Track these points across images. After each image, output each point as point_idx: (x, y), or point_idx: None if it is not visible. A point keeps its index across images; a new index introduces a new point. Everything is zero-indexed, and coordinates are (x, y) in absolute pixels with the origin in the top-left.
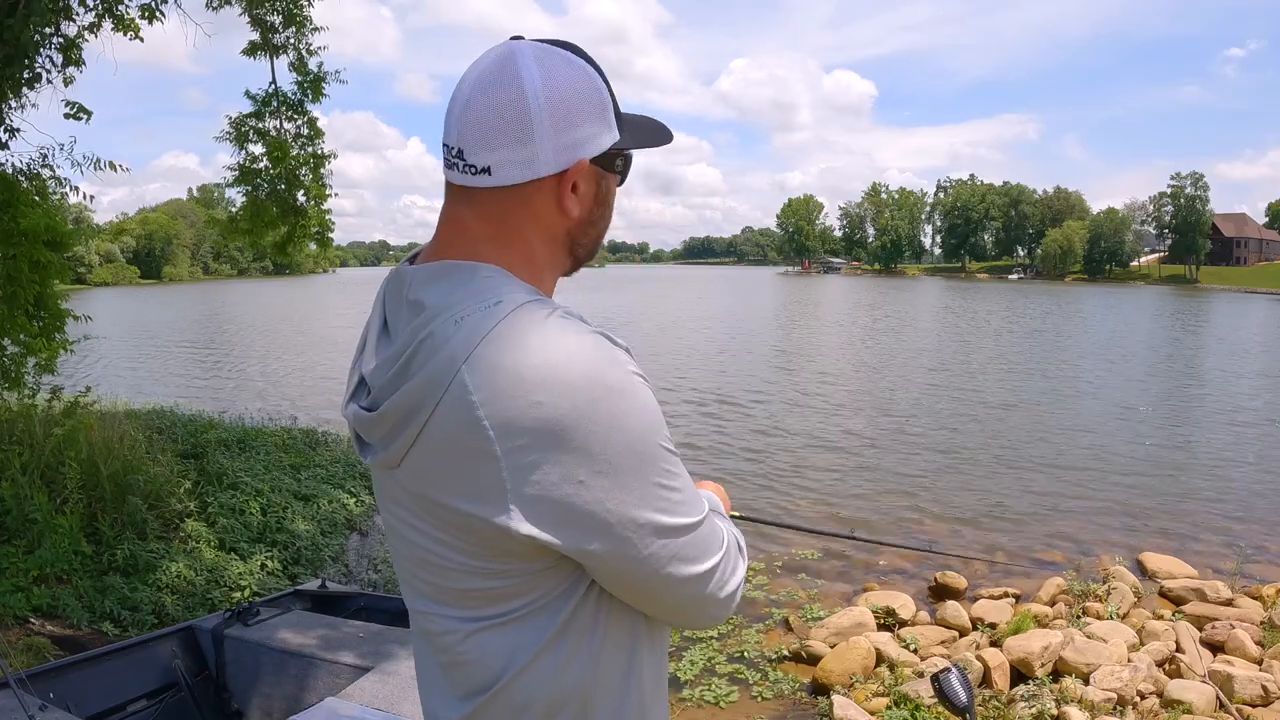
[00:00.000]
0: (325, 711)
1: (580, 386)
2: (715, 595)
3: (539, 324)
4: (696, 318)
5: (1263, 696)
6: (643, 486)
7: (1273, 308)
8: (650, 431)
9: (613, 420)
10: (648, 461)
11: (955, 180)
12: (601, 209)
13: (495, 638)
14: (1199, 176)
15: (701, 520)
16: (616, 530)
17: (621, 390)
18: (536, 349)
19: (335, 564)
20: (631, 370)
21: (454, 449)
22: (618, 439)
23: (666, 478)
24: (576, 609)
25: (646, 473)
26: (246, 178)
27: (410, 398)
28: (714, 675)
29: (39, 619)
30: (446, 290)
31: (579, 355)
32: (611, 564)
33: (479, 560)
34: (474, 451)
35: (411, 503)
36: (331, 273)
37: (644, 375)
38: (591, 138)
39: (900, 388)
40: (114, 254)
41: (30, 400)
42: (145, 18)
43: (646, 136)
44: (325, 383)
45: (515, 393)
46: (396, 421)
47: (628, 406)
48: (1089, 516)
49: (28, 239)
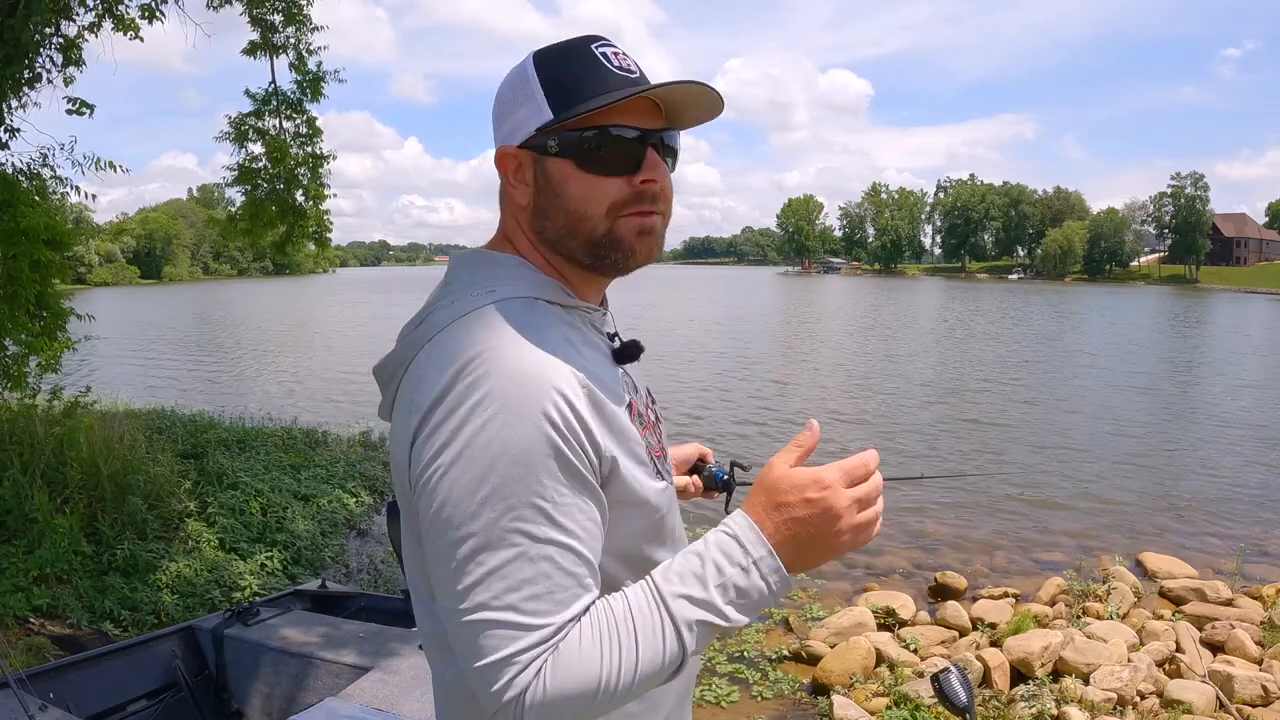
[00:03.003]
0: (325, 711)
1: (466, 384)
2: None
3: (496, 324)
4: (695, 318)
5: (1263, 696)
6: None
7: (1273, 308)
8: (514, 468)
9: (479, 434)
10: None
11: (955, 180)
12: (550, 194)
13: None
14: (1199, 176)
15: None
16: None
17: (508, 408)
18: (474, 341)
19: (335, 564)
20: (539, 407)
21: (407, 411)
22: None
23: (509, 516)
24: None
25: (492, 501)
26: (246, 177)
27: (398, 353)
28: (714, 675)
29: (39, 619)
30: (456, 275)
31: (489, 356)
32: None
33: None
34: (406, 416)
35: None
36: (331, 273)
37: (565, 415)
38: (519, 125)
39: (900, 387)
40: (114, 254)
41: (30, 400)
42: (145, 18)
43: (585, 99)
44: (325, 383)
45: (430, 375)
46: (387, 376)
47: (505, 427)
48: (1089, 516)
49: (28, 239)
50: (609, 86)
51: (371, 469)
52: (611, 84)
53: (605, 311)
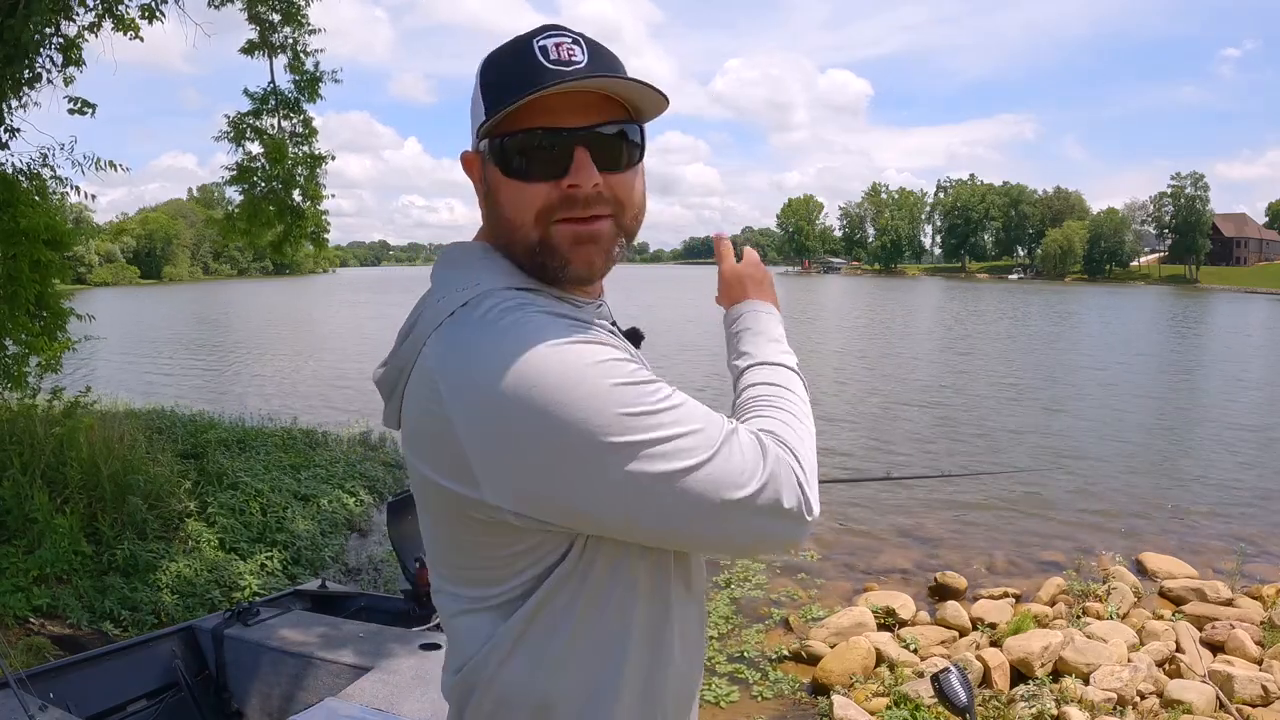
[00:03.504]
0: (325, 711)
1: (528, 376)
2: (774, 506)
3: (495, 306)
4: (692, 319)
5: (1263, 696)
6: (613, 444)
7: (1273, 308)
8: (604, 394)
9: (561, 397)
10: (613, 419)
11: (955, 180)
12: (491, 201)
13: (466, 621)
14: (1199, 176)
15: (719, 440)
16: (600, 493)
17: (564, 351)
18: (487, 326)
19: (335, 564)
20: (576, 336)
21: (420, 414)
22: (573, 398)
23: (647, 425)
24: (537, 609)
25: (619, 427)
26: (244, 176)
27: (397, 361)
28: (714, 675)
29: (39, 619)
30: (444, 271)
31: (523, 329)
32: (616, 527)
33: (456, 530)
34: (433, 418)
35: (409, 469)
36: (331, 273)
37: (596, 335)
38: (472, 128)
39: (900, 388)
40: (114, 254)
41: (30, 400)
42: (145, 17)
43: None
44: (325, 383)
45: (464, 364)
46: (389, 385)
47: (573, 389)
48: (1089, 516)
49: (28, 239)
50: (536, 83)
51: (371, 469)
52: (541, 79)
53: (602, 303)
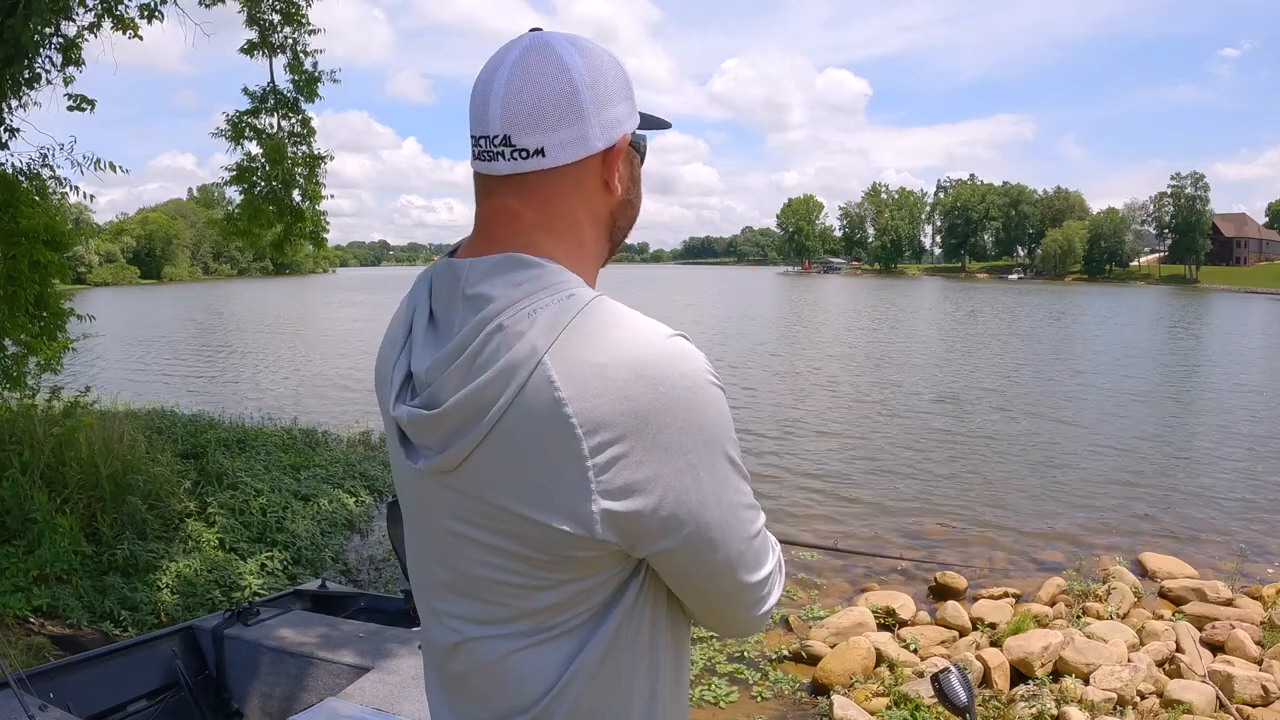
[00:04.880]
0: (325, 711)
1: (670, 379)
2: (762, 604)
3: (619, 317)
4: (699, 320)
5: (1263, 696)
6: (727, 485)
7: (1273, 307)
8: (728, 429)
9: (700, 416)
10: (729, 461)
11: (955, 180)
12: (636, 188)
13: (535, 655)
14: (1199, 176)
15: (763, 526)
16: (700, 529)
17: (706, 387)
18: (621, 342)
19: (335, 564)
20: (708, 370)
21: (530, 447)
22: (704, 435)
23: (742, 479)
24: (619, 627)
25: (728, 472)
26: (243, 176)
27: (480, 394)
28: (714, 675)
29: (39, 619)
30: (513, 283)
31: (665, 350)
32: (684, 563)
33: (535, 570)
34: (554, 449)
35: (465, 510)
36: (331, 272)
37: (717, 377)
38: (625, 117)
39: (899, 387)
40: (114, 254)
41: (30, 400)
42: (145, 17)
43: (653, 120)
44: (325, 383)
45: (603, 387)
46: (461, 421)
47: (711, 404)
48: (1089, 516)
49: (28, 239)
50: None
51: (371, 469)
52: None
53: None
